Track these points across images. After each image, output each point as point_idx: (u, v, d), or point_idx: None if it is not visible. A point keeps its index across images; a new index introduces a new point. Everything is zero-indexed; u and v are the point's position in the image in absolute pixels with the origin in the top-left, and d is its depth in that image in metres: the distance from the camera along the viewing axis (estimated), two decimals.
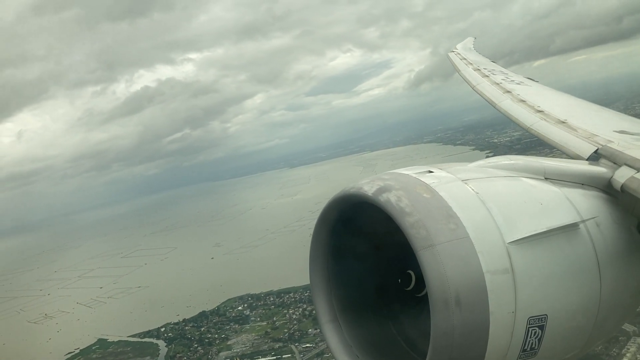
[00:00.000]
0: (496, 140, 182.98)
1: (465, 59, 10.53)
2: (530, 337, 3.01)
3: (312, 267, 3.74)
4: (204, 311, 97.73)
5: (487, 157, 4.12)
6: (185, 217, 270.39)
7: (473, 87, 8.32)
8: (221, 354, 77.19)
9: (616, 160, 3.94)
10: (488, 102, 7.37)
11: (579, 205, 3.41)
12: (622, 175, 3.66)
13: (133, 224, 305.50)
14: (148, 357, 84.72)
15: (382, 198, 3.06)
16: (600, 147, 4.32)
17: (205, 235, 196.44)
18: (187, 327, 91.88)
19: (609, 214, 3.54)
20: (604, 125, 5.28)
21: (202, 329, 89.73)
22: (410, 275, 3.42)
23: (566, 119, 5.41)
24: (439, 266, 2.80)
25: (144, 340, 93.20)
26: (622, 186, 3.59)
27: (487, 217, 3.05)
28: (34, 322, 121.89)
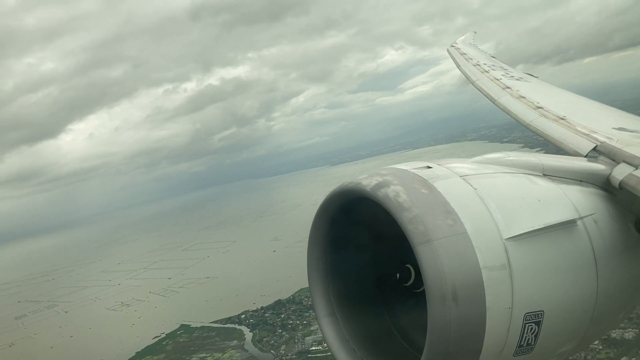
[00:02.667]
0: None
1: (465, 54, 10.37)
2: (527, 333, 3.04)
3: (310, 261, 3.78)
4: (279, 300, 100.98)
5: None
6: (235, 213, 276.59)
7: (473, 83, 8.27)
8: (307, 338, 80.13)
9: (615, 157, 3.97)
10: (487, 97, 7.32)
11: (577, 202, 3.43)
12: (621, 172, 3.68)
13: (183, 219, 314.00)
14: (235, 341, 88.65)
15: (381, 193, 3.09)
16: (599, 144, 4.33)
17: (260, 229, 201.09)
18: (266, 315, 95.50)
19: (607, 210, 3.56)
20: (603, 122, 5.32)
21: (282, 316, 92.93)
22: (408, 269, 3.49)
23: (565, 115, 5.40)
24: (436, 261, 2.82)
25: (226, 326, 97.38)
26: (620, 183, 3.62)
27: (485, 213, 3.08)
28: (112, 310, 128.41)
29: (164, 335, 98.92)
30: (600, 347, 52.83)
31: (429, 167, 3.37)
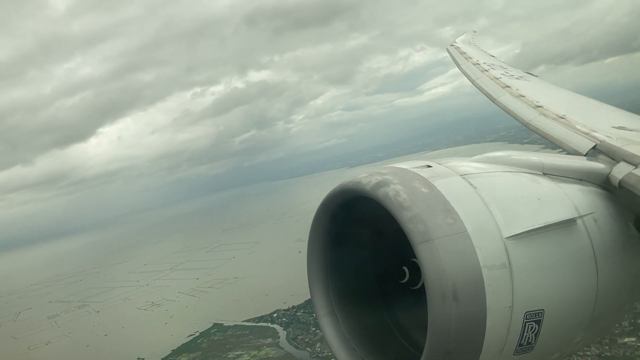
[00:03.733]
0: None
1: (464, 53, 10.34)
2: (527, 332, 3.04)
3: (310, 261, 3.79)
4: (310, 299, 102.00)
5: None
6: (256, 214, 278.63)
7: (472, 82, 8.24)
8: None
9: (614, 156, 3.97)
10: (487, 96, 7.29)
11: (576, 201, 3.43)
12: (620, 171, 3.68)
13: (204, 221, 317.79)
14: (269, 339, 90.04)
15: (380, 192, 3.09)
16: (598, 142, 4.32)
17: (283, 231, 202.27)
18: (298, 313, 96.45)
19: (607, 209, 3.56)
20: (602, 121, 5.32)
21: (314, 315, 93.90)
22: (408, 268, 3.51)
23: (565, 114, 5.39)
24: (436, 260, 2.82)
25: (259, 324, 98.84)
26: (620, 182, 3.62)
27: (485, 211, 3.08)
28: (144, 309, 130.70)
29: (197, 334, 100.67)
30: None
31: (429, 166, 3.40)
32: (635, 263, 3.64)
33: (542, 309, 3.06)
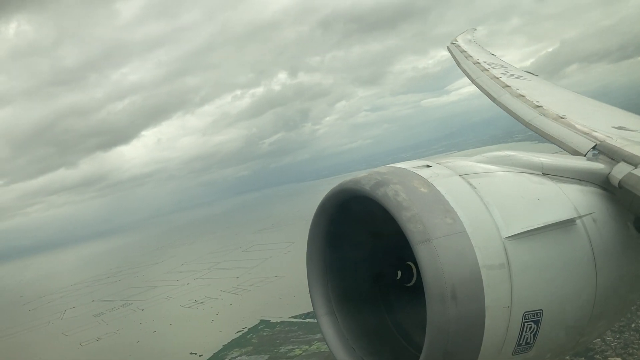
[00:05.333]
0: None
1: (465, 51, 10.25)
2: (526, 332, 3.04)
3: (310, 260, 3.80)
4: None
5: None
6: (287, 215, 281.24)
7: (472, 81, 8.23)
8: None
9: (614, 156, 3.96)
10: (487, 96, 7.27)
11: (576, 201, 3.43)
12: (620, 172, 3.68)
13: (235, 222, 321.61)
14: (319, 334, 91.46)
15: (380, 192, 3.09)
16: (598, 142, 4.33)
17: None
18: None
19: (606, 210, 3.55)
20: (602, 121, 5.31)
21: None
22: (407, 268, 3.55)
23: (565, 114, 5.37)
24: (435, 260, 2.82)
25: (306, 321, 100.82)
26: (619, 182, 3.62)
27: (484, 212, 3.08)
28: (188, 307, 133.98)
29: (246, 330, 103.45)
30: None
31: (428, 166, 3.41)
32: (634, 263, 3.65)
33: (541, 309, 3.08)
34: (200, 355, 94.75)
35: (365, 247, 3.91)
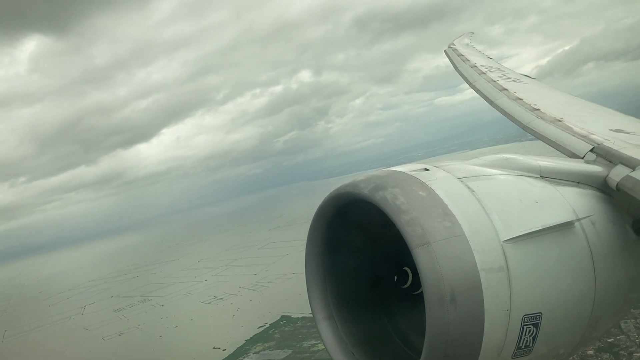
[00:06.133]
0: None
1: (462, 55, 10.29)
2: (525, 335, 3.05)
3: (308, 264, 3.79)
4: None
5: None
6: (301, 213, 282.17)
7: (470, 85, 8.23)
8: None
9: (612, 159, 3.96)
10: (485, 99, 7.30)
11: (574, 204, 3.43)
12: (618, 174, 3.68)
13: (249, 220, 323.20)
14: None
15: (378, 196, 3.10)
16: (596, 145, 4.31)
17: None
18: None
19: (604, 212, 3.55)
20: (600, 124, 5.31)
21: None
22: (406, 271, 3.53)
23: (562, 117, 5.36)
24: (434, 264, 2.82)
25: None
26: (617, 185, 3.61)
27: (482, 215, 3.08)
28: (208, 303, 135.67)
29: (267, 325, 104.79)
30: None
31: (427, 169, 3.40)
32: (632, 266, 3.65)
33: (540, 312, 3.08)
34: (223, 350, 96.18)
35: (364, 251, 3.93)
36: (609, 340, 51.64)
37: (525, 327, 3.04)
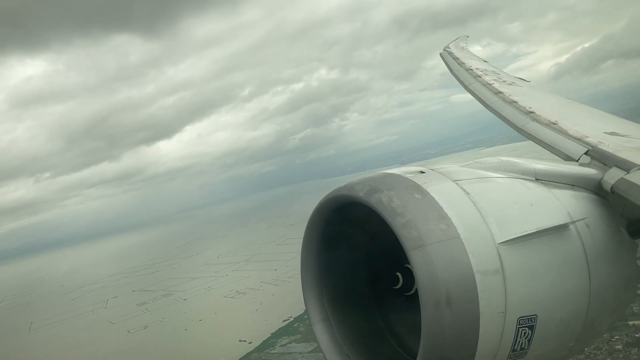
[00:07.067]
0: None
1: (457, 58, 10.32)
2: (520, 338, 3.05)
3: (304, 267, 3.82)
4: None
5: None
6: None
7: (465, 88, 8.29)
8: None
9: (606, 161, 3.97)
10: (480, 102, 7.36)
11: (569, 206, 3.45)
12: (612, 177, 3.69)
13: (265, 217, 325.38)
14: None
15: (374, 198, 3.11)
16: (590, 148, 4.32)
17: None
18: None
19: (599, 215, 3.56)
20: (594, 127, 5.33)
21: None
22: (402, 274, 3.55)
23: (557, 120, 5.38)
24: (429, 266, 2.83)
25: None
26: (612, 187, 3.63)
27: (478, 217, 3.09)
28: (230, 297, 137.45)
29: (292, 319, 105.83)
30: None
31: (422, 172, 3.42)
32: (627, 268, 3.66)
33: (535, 315, 3.08)
34: (249, 343, 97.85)
35: (360, 253, 3.96)
36: (637, 336, 52.00)
37: (520, 329, 3.06)
